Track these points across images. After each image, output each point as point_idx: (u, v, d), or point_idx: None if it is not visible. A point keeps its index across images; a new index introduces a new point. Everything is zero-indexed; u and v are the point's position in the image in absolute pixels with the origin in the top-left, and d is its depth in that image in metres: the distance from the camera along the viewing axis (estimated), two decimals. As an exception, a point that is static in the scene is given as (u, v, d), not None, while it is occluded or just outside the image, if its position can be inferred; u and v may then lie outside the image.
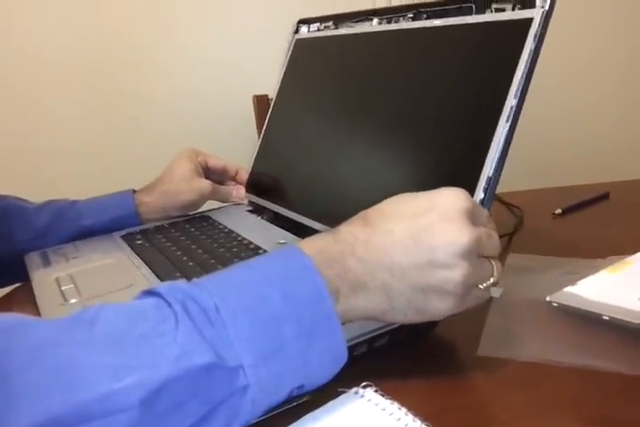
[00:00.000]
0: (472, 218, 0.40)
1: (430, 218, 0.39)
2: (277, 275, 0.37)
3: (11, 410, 0.29)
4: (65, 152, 1.24)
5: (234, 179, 0.87)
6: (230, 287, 0.36)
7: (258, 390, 0.34)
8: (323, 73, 0.77)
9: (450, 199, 0.40)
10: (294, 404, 0.39)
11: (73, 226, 0.75)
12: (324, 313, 0.37)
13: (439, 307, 0.39)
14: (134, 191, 0.79)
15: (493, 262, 0.41)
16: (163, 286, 0.36)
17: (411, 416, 0.37)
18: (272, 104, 0.85)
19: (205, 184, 0.80)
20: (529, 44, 0.47)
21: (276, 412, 0.38)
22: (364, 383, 0.40)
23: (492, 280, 0.41)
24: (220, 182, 0.86)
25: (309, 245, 0.39)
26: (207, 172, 0.84)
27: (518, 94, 0.47)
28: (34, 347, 0.32)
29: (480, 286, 0.41)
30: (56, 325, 0.34)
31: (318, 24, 0.81)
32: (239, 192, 0.84)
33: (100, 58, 1.22)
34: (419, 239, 0.38)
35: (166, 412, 0.32)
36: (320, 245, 0.39)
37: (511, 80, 0.48)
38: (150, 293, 0.37)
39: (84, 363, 0.31)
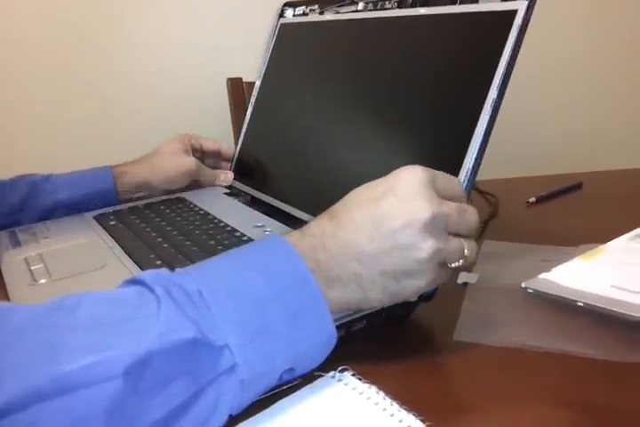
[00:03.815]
0: (438, 191, 0.39)
1: (389, 201, 0.38)
2: (260, 260, 0.38)
3: None
4: (34, 133, 1.21)
5: (229, 161, 0.86)
6: (213, 273, 0.37)
7: (246, 370, 0.34)
8: (308, 59, 0.76)
9: (406, 177, 0.39)
10: (284, 387, 0.38)
11: (49, 200, 0.74)
12: (309, 295, 0.37)
13: (411, 287, 0.39)
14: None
15: (464, 241, 0.40)
16: (145, 274, 0.36)
17: (388, 400, 0.37)
18: (257, 88, 0.84)
19: (191, 161, 0.80)
20: (512, 35, 0.47)
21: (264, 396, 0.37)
22: (341, 367, 0.40)
23: (461, 261, 0.40)
24: (216, 168, 0.85)
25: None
26: (203, 155, 0.84)
27: (500, 86, 0.47)
28: (16, 329, 0.32)
29: (450, 265, 0.40)
30: (38, 309, 0.34)
31: (304, 7, 0.80)
32: (227, 176, 0.83)
33: (71, 38, 1.18)
34: (380, 225, 0.38)
35: (152, 390, 0.31)
36: (291, 241, 0.39)
37: (494, 72, 0.47)
38: (133, 281, 0.37)
39: (67, 341, 0.31)
